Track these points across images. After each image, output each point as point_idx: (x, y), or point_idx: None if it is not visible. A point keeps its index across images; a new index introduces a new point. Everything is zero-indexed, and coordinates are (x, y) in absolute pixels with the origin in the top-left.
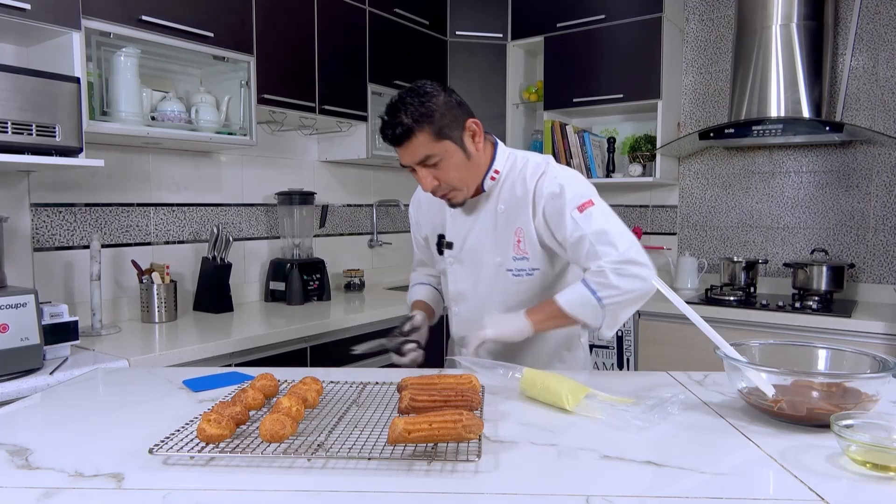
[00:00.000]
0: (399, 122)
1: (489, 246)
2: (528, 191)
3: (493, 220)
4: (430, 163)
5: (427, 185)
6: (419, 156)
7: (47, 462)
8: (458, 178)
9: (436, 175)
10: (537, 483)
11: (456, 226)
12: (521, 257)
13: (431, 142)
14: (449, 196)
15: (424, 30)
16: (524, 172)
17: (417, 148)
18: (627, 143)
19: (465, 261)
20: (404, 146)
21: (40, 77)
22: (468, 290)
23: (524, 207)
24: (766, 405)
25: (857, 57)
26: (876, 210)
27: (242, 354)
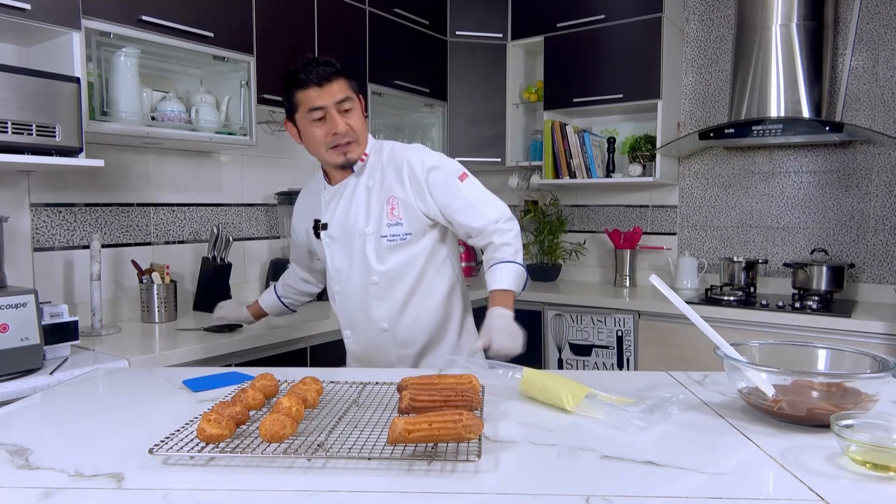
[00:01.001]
0: (328, 64)
1: (362, 219)
2: (398, 166)
3: (364, 195)
4: (345, 107)
5: (342, 125)
6: (340, 96)
7: (47, 462)
8: (361, 129)
9: (347, 121)
10: (537, 483)
11: (329, 209)
12: (396, 223)
13: (348, 89)
14: (349, 148)
15: (424, 30)
16: (392, 152)
17: (341, 89)
18: (627, 143)
19: (339, 238)
20: (330, 84)
21: (40, 77)
22: (344, 266)
23: (396, 179)
24: (766, 405)
25: (857, 57)
26: (876, 210)
27: (242, 354)
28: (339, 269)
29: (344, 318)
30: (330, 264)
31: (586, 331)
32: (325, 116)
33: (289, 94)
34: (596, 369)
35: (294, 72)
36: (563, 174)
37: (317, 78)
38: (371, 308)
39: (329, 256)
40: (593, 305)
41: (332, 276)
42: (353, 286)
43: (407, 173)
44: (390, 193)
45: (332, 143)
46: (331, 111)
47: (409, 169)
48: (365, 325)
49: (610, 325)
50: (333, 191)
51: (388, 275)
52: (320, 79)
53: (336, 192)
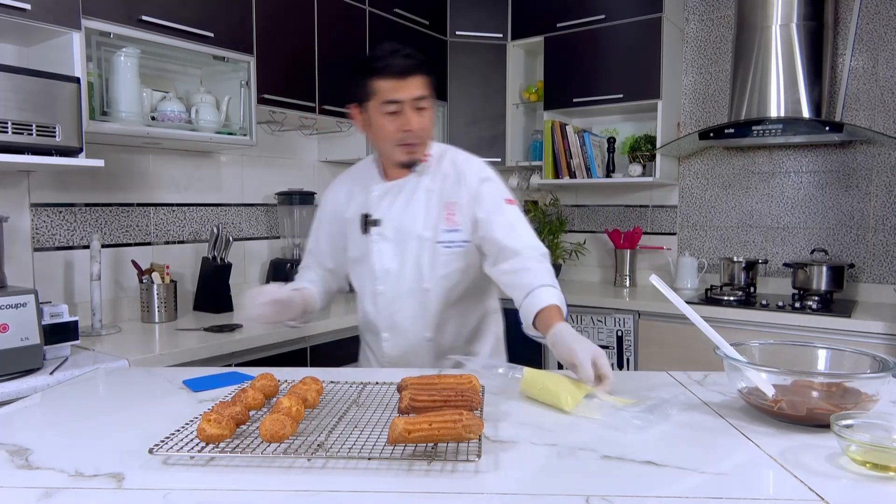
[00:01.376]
0: (414, 57)
1: (420, 222)
2: (460, 171)
3: (423, 197)
4: (421, 105)
5: (414, 124)
6: (420, 92)
7: (47, 462)
8: (430, 132)
9: (419, 121)
10: (537, 483)
11: (383, 205)
12: (454, 229)
13: (427, 86)
14: (416, 148)
15: (424, 30)
16: (455, 157)
17: (421, 85)
18: (627, 143)
19: (392, 238)
20: (411, 79)
21: (40, 77)
22: (394, 267)
23: (458, 185)
24: (766, 405)
25: (857, 57)
26: (876, 210)
27: (242, 354)
28: (388, 270)
29: (384, 321)
30: (377, 263)
31: (586, 331)
32: (399, 111)
33: (363, 80)
34: None
35: (373, 57)
36: (563, 174)
37: (398, 69)
38: (417, 314)
39: (377, 255)
40: (593, 305)
41: (378, 275)
42: (401, 290)
43: (466, 180)
44: (450, 198)
45: (401, 140)
46: (406, 107)
47: (469, 176)
48: (407, 330)
49: (610, 325)
50: (388, 187)
51: (441, 283)
52: (402, 71)
53: (392, 188)
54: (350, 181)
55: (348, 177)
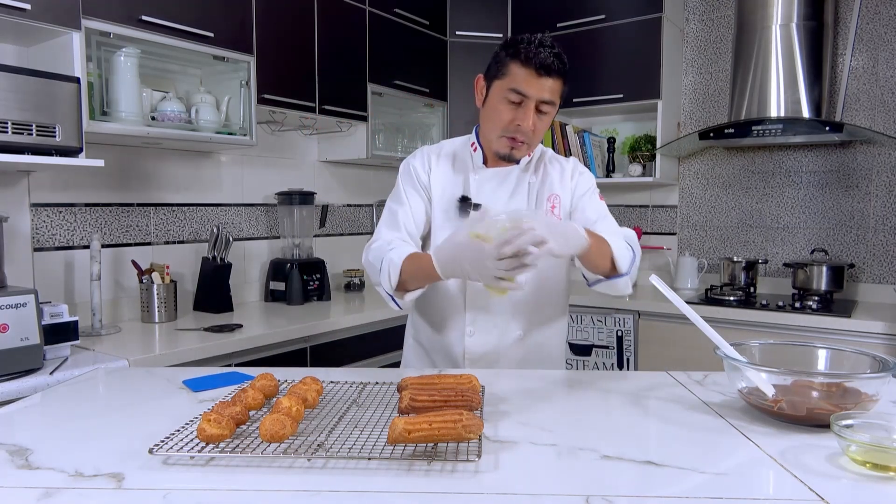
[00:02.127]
0: (562, 59)
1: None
2: (562, 167)
3: (525, 190)
4: (544, 108)
5: (529, 123)
6: (551, 96)
7: (47, 462)
8: (541, 136)
9: (536, 122)
10: (537, 483)
11: (484, 190)
12: None
13: (558, 93)
14: (520, 146)
15: (424, 30)
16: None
17: (555, 89)
18: (627, 143)
19: None
20: (548, 79)
21: (40, 77)
22: None
23: (562, 179)
24: (766, 405)
25: (857, 57)
26: (876, 210)
27: (242, 354)
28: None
29: (472, 313)
30: None
31: (586, 331)
32: (521, 104)
33: (504, 60)
34: (596, 369)
35: (521, 41)
36: None
37: (539, 63)
38: (511, 310)
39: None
40: (593, 305)
41: None
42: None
43: (566, 174)
44: (552, 191)
45: (509, 132)
46: (530, 104)
47: (568, 171)
48: (497, 326)
49: (610, 325)
50: (491, 174)
51: (538, 278)
52: (542, 66)
53: (494, 176)
54: (440, 159)
55: (435, 153)
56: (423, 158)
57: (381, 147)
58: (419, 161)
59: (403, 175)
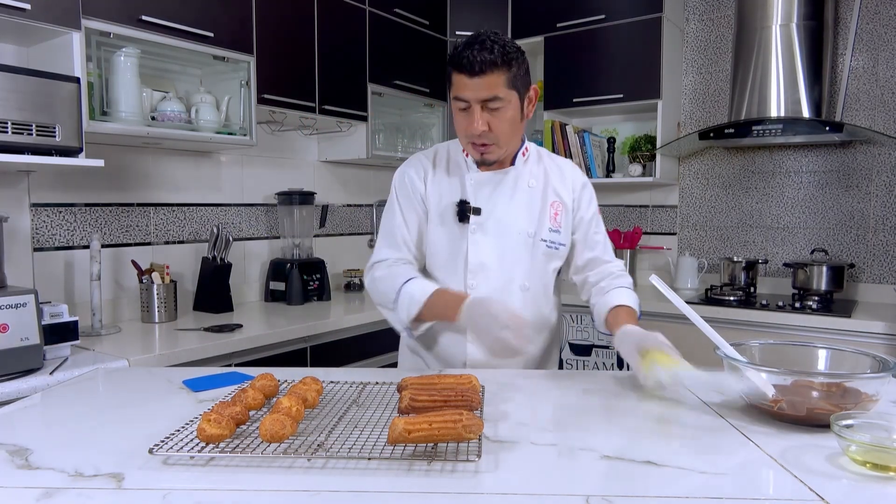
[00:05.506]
0: (489, 50)
1: (523, 217)
2: (563, 172)
3: (525, 193)
4: (492, 105)
5: (478, 127)
6: (489, 94)
7: (47, 462)
8: (505, 133)
9: (489, 121)
10: (537, 483)
11: (482, 194)
12: (557, 230)
13: (503, 85)
14: (488, 149)
15: (424, 30)
16: (552, 157)
17: (491, 85)
18: (627, 143)
19: (492, 230)
20: (481, 77)
21: (40, 77)
22: (491, 262)
23: (563, 185)
24: (766, 405)
25: (857, 57)
26: (876, 210)
27: (242, 354)
28: (484, 265)
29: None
30: (473, 256)
31: (586, 331)
32: (467, 109)
33: (448, 71)
34: (596, 369)
35: (456, 48)
36: None
37: (470, 65)
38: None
39: (473, 246)
40: None
41: (472, 269)
42: (497, 287)
43: (570, 182)
44: (555, 197)
45: (469, 139)
46: (474, 107)
47: (573, 179)
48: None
49: None
50: (487, 177)
51: (541, 282)
52: (472, 67)
53: (491, 179)
54: (435, 163)
55: (430, 158)
56: (419, 165)
57: (381, 147)
58: (414, 169)
59: (398, 185)
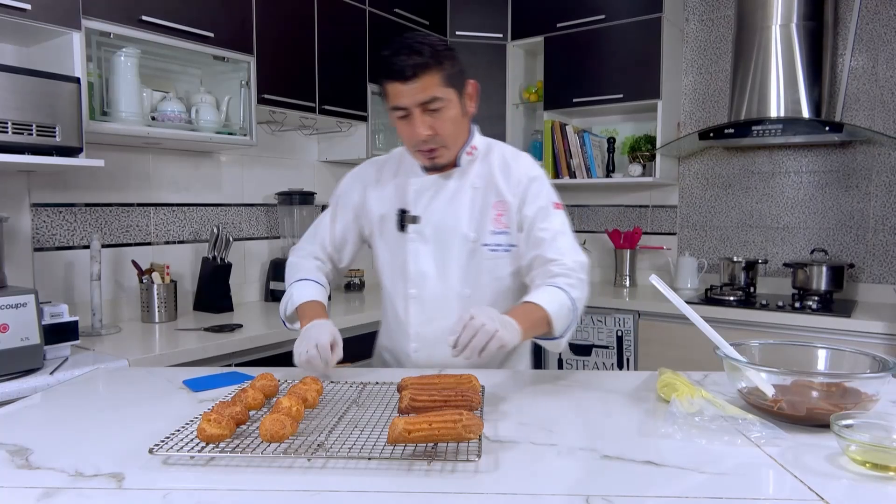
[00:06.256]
0: (420, 53)
1: (464, 221)
2: (509, 167)
3: (469, 195)
4: (432, 107)
5: (422, 132)
6: (426, 95)
7: (47, 462)
8: (451, 133)
9: (432, 124)
10: (537, 483)
11: (422, 201)
12: (502, 231)
13: (440, 85)
14: (436, 153)
15: (424, 30)
16: (504, 153)
17: (427, 86)
18: (627, 143)
19: (431, 237)
20: (414, 81)
21: (40, 77)
22: (431, 270)
23: (508, 183)
24: (766, 405)
25: (857, 57)
26: (876, 210)
27: (242, 354)
28: (424, 273)
29: (414, 329)
30: (412, 265)
31: (586, 331)
32: (407, 116)
33: (380, 83)
34: (596, 369)
35: (380, 59)
36: (563, 174)
37: (402, 70)
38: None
39: (413, 255)
40: (593, 305)
41: (412, 277)
42: (437, 295)
43: (516, 178)
44: (499, 198)
45: (415, 147)
46: (413, 112)
47: (518, 174)
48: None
49: (610, 325)
50: (430, 182)
51: (484, 289)
52: (403, 73)
53: (433, 184)
54: (382, 171)
55: (378, 166)
56: (362, 175)
57: (381, 147)
58: (357, 178)
59: (338, 190)
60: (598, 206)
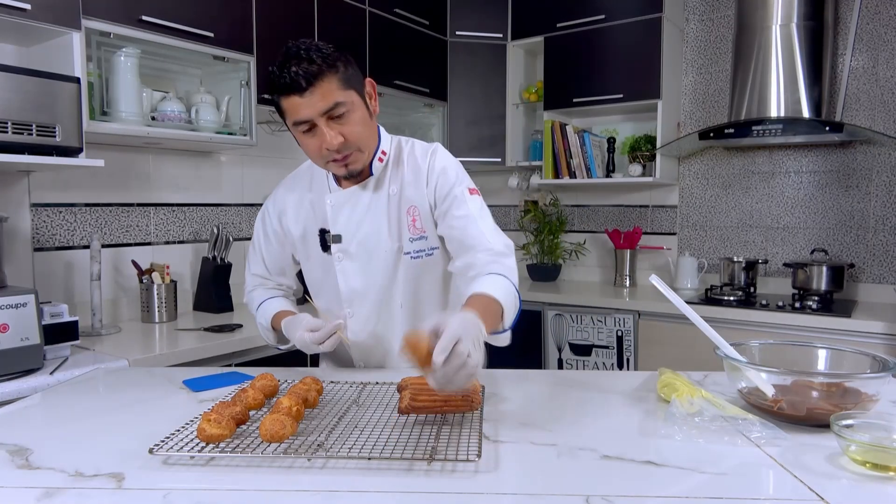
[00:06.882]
0: (310, 60)
1: (384, 232)
2: (419, 168)
3: (385, 204)
4: (336, 113)
5: (333, 140)
6: (328, 103)
7: (47, 462)
8: (362, 136)
9: (341, 131)
10: (537, 483)
11: (341, 217)
12: (419, 237)
13: (340, 88)
14: (350, 160)
15: (424, 30)
16: (413, 152)
17: (327, 93)
18: (627, 143)
19: (356, 254)
20: (311, 91)
21: (40, 77)
22: (362, 286)
23: (417, 184)
24: (766, 405)
25: (857, 57)
26: (876, 210)
27: (242, 354)
28: (355, 290)
29: (356, 349)
30: (343, 284)
31: (586, 331)
32: (311, 129)
33: (275, 100)
34: (596, 369)
35: (272, 75)
36: (563, 174)
37: (297, 82)
38: (394, 336)
39: (342, 277)
40: (593, 305)
41: (346, 297)
42: (374, 311)
43: (424, 177)
44: (410, 202)
45: (328, 158)
46: (318, 122)
47: (425, 171)
48: (383, 357)
49: (610, 325)
50: (345, 196)
51: (416, 297)
52: (302, 83)
53: (349, 197)
54: (296, 190)
55: (292, 184)
56: (275, 203)
57: None
58: (272, 207)
59: (258, 222)
60: (598, 206)
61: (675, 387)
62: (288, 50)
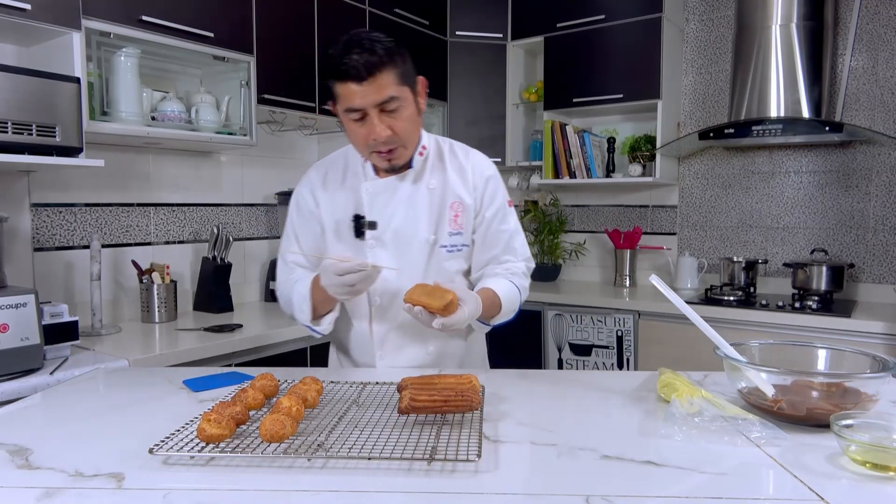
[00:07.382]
0: (372, 51)
1: (423, 223)
2: (462, 166)
3: (425, 196)
4: (390, 107)
5: (382, 133)
6: (383, 95)
7: (47, 462)
8: (409, 132)
9: (391, 124)
10: (537, 483)
11: (378, 205)
12: (457, 232)
13: (396, 83)
14: (395, 154)
15: (424, 30)
16: (454, 150)
17: (384, 86)
18: (627, 143)
19: (390, 242)
20: (370, 81)
21: (40, 77)
22: (392, 276)
23: (460, 181)
24: (766, 405)
25: (857, 57)
26: (876, 210)
27: (242, 354)
28: (386, 279)
29: (379, 337)
30: None
31: (586, 331)
32: (363, 118)
33: (329, 84)
34: (596, 369)
35: (330, 58)
36: (563, 174)
37: (357, 70)
38: (421, 329)
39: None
40: (593, 305)
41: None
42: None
43: (471, 176)
44: (455, 198)
45: (373, 148)
46: (371, 113)
47: (473, 173)
48: (407, 347)
49: (610, 325)
50: (382, 185)
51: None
52: (362, 72)
53: (387, 187)
54: (328, 175)
55: (323, 170)
56: (309, 184)
57: None
58: (306, 188)
59: (292, 207)
60: (598, 206)
61: (675, 387)
62: (351, 37)
